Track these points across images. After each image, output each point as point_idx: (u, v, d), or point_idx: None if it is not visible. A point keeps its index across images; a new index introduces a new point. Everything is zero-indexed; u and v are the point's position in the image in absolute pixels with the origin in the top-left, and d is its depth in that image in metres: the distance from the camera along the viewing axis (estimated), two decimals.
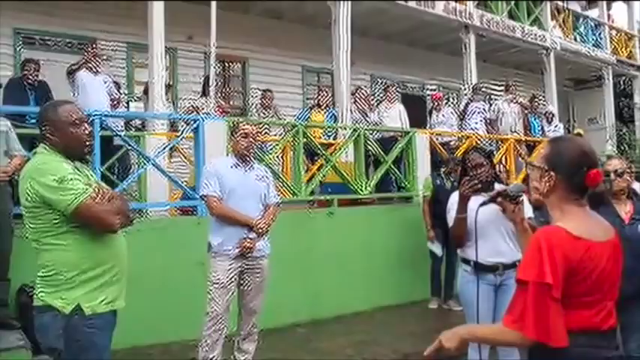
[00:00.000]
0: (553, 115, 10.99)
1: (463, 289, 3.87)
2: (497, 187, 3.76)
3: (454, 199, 3.89)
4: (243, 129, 4.30)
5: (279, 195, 4.76)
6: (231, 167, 4.28)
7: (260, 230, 4.19)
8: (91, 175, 2.72)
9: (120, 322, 4.82)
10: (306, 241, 6.50)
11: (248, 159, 4.32)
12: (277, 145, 7.01)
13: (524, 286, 1.89)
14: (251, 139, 4.27)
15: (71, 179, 2.49)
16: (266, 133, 7.24)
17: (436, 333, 6.17)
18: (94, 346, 2.56)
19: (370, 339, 5.72)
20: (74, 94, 6.67)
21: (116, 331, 4.70)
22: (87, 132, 2.65)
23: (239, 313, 4.34)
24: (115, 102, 7.16)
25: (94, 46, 7.15)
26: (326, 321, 6.30)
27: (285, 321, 6.00)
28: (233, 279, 4.17)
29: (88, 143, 2.65)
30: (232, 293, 4.20)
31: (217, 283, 4.13)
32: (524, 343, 1.92)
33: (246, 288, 4.24)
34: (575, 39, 13.90)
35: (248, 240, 4.14)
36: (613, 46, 15.06)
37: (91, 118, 5.74)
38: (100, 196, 2.52)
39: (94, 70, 6.88)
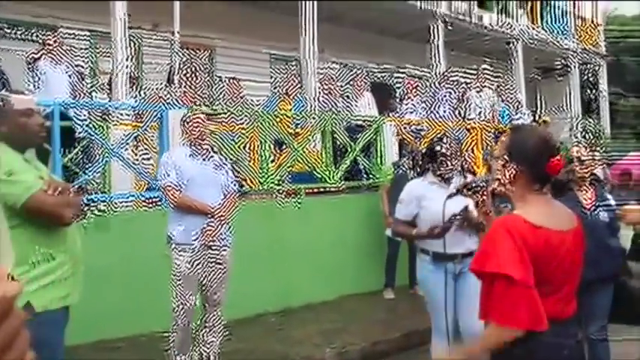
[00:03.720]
0: (520, 104, 11.11)
1: (424, 279, 3.90)
2: (468, 177, 3.81)
3: (413, 189, 3.90)
4: (193, 119, 4.29)
5: (243, 183, 4.75)
6: (189, 157, 4.25)
7: (221, 218, 4.16)
8: (41, 168, 2.64)
9: (86, 316, 4.76)
10: (275, 231, 6.47)
11: (204, 148, 4.29)
12: (244, 134, 6.95)
13: (495, 279, 1.90)
14: (202, 128, 4.25)
15: (21, 172, 2.42)
16: (232, 121, 7.15)
17: (405, 320, 6.21)
18: (46, 344, 2.48)
19: (340, 327, 5.74)
20: (35, 85, 6.49)
21: (82, 325, 4.64)
22: (39, 122, 2.58)
23: (203, 306, 4.30)
24: (78, 92, 7.00)
25: (55, 34, 6.97)
26: (296, 310, 6.30)
27: (255, 311, 5.99)
28: (196, 271, 4.12)
29: (40, 134, 2.58)
30: (197, 285, 4.16)
31: (181, 277, 4.09)
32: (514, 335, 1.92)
33: (209, 280, 4.20)
34: (543, 28, 14.02)
35: (209, 228, 4.10)
36: (579, 35, 15.24)
37: (51, 108, 5.65)
38: (50, 188, 2.45)
39: (56, 59, 6.71)
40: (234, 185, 4.46)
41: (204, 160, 4.27)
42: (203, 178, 4.19)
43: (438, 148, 3.87)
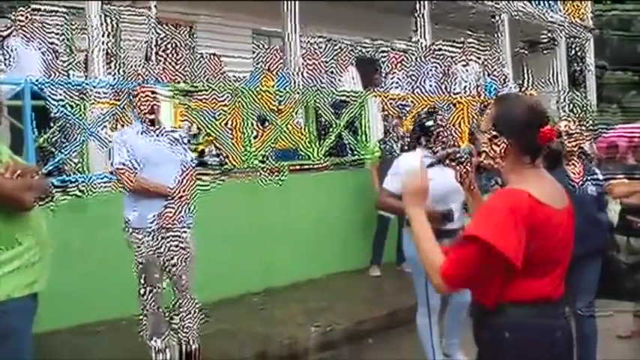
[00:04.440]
0: (506, 77, 11.02)
1: (414, 257, 3.81)
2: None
3: (404, 162, 3.81)
4: (141, 91, 4.06)
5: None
6: (141, 134, 4.02)
7: (180, 199, 3.96)
8: (3, 150, 2.50)
9: (65, 300, 4.68)
10: (258, 209, 6.36)
11: (156, 123, 4.06)
12: (226, 111, 6.80)
13: (476, 243, 1.77)
14: (152, 102, 4.01)
15: None
16: (214, 98, 6.99)
17: (391, 298, 6.20)
18: (13, 332, 2.38)
19: (324, 306, 5.69)
20: (5, 63, 6.27)
21: (61, 310, 4.56)
22: None
23: (172, 290, 4.15)
24: (53, 70, 6.77)
25: (26, 10, 6.72)
26: (280, 289, 6.24)
27: (237, 291, 5.91)
28: (158, 254, 3.96)
29: None
30: (161, 269, 4.02)
31: (142, 261, 3.95)
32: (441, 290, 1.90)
33: (172, 264, 4.01)
34: (530, 1, 13.88)
35: (167, 211, 3.92)
36: (566, 8, 15.10)
37: (21, 86, 5.46)
38: (9, 171, 2.31)
39: (28, 36, 6.48)
40: (193, 160, 4.25)
41: (157, 136, 4.04)
42: (158, 156, 3.96)
43: (430, 122, 3.80)
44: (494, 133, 1.92)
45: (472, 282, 1.87)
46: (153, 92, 4.08)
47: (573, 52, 15.62)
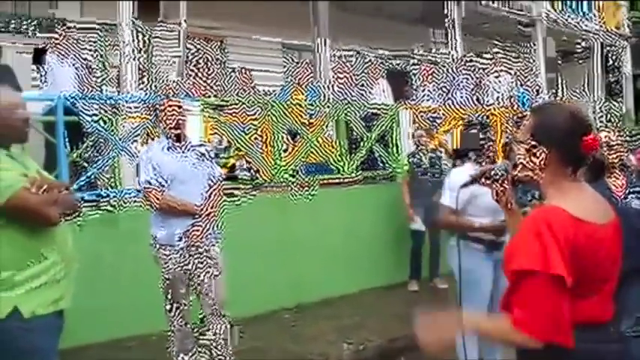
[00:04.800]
0: (540, 88, 10.82)
1: (473, 269, 3.63)
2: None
3: (454, 177, 3.73)
4: (167, 105, 3.95)
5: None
6: (167, 150, 3.93)
7: (208, 216, 3.89)
8: (31, 165, 2.48)
9: (97, 315, 4.68)
10: (289, 224, 6.31)
11: (182, 138, 3.97)
12: (256, 125, 6.78)
13: (529, 277, 1.64)
14: (178, 116, 3.91)
15: (1, 169, 2.26)
16: (244, 112, 6.98)
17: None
18: (37, 351, 2.34)
19: (356, 323, 5.59)
20: (42, 80, 6.36)
21: (94, 325, 4.56)
22: (23, 118, 2.41)
23: (200, 306, 4.09)
24: (86, 86, 6.86)
25: (62, 27, 6.83)
26: (311, 305, 6.15)
27: (269, 307, 5.84)
28: (185, 270, 3.90)
29: (24, 130, 2.41)
30: (187, 285, 3.96)
31: (169, 277, 3.90)
32: (533, 345, 1.69)
33: (200, 280, 3.94)
34: (562, 10, 13.64)
35: (195, 230, 3.85)
36: (601, 17, 14.81)
37: (54, 102, 5.52)
38: (35, 186, 2.28)
39: (63, 53, 6.58)
40: (221, 175, 4.16)
41: (183, 152, 3.96)
42: (185, 174, 3.88)
43: (481, 135, 3.76)
44: (532, 142, 1.81)
45: (551, 318, 1.65)
46: (179, 106, 3.99)
47: (612, 62, 15.27)
